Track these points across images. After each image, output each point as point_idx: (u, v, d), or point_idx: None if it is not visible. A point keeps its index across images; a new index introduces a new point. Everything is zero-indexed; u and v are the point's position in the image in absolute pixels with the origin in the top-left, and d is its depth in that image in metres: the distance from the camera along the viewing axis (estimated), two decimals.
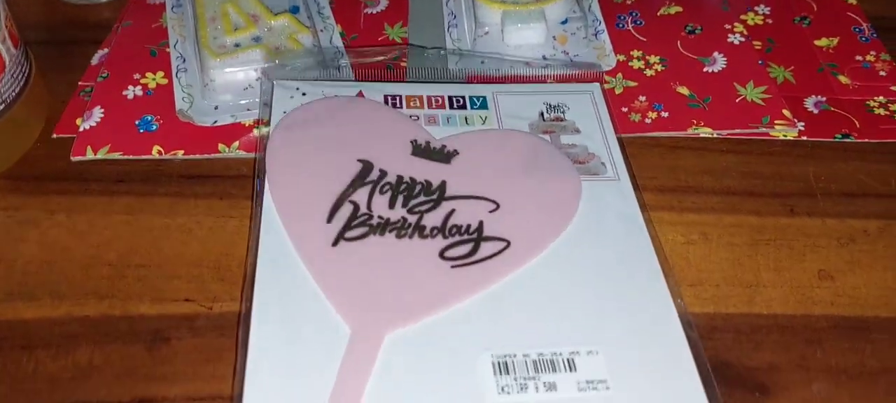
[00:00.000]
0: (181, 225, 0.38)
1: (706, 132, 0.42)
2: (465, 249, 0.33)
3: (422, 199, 0.35)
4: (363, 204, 0.35)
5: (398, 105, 0.39)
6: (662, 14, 0.49)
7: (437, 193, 0.35)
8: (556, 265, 0.33)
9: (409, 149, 0.37)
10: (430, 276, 0.33)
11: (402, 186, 0.35)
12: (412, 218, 0.34)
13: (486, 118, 0.39)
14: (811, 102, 0.44)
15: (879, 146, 0.42)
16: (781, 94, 0.44)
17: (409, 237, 0.34)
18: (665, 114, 0.43)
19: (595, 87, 0.41)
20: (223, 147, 0.41)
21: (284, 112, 0.39)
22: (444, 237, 0.34)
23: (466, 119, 0.39)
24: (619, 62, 0.46)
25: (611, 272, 0.33)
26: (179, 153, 0.41)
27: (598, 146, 0.38)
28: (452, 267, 0.33)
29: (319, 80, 0.41)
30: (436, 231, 0.34)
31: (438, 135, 0.38)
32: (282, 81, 0.40)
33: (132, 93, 0.44)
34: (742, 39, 0.47)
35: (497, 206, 0.35)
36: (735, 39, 0.47)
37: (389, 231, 0.34)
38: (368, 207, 0.34)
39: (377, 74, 0.44)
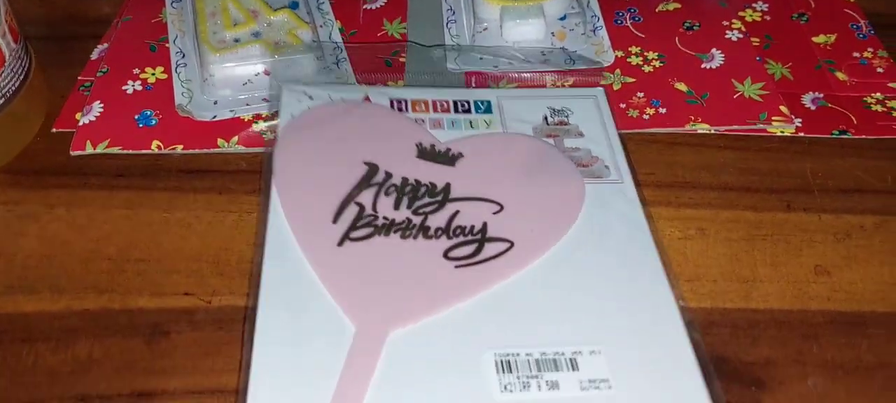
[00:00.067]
0: (180, 220, 0.38)
1: (704, 128, 0.42)
2: (469, 250, 0.33)
3: (426, 201, 0.35)
4: (368, 206, 0.35)
5: (404, 109, 0.40)
6: (661, 10, 0.49)
7: (442, 195, 0.35)
8: (560, 266, 0.33)
9: (415, 151, 0.37)
10: (434, 276, 0.33)
11: (407, 188, 0.36)
12: (417, 220, 0.34)
13: (491, 122, 0.39)
14: (809, 99, 0.44)
15: (876, 142, 0.42)
16: (779, 91, 0.44)
17: (414, 237, 0.34)
18: (663, 110, 0.43)
19: (599, 92, 0.41)
20: (222, 142, 0.41)
21: (292, 115, 0.39)
22: (449, 238, 0.34)
23: (471, 123, 0.39)
24: (618, 58, 0.46)
25: (614, 273, 0.33)
26: (178, 148, 0.41)
27: (602, 149, 0.38)
28: (456, 268, 0.33)
29: (327, 85, 0.42)
30: (440, 232, 0.34)
31: (443, 138, 0.38)
32: (290, 86, 0.41)
33: (131, 87, 0.44)
34: (740, 36, 0.47)
35: (501, 208, 0.35)
36: (733, 36, 0.47)
37: (394, 231, 0.34)
38: (374, 208, 0.35)
39: (376, 68, 0.44)
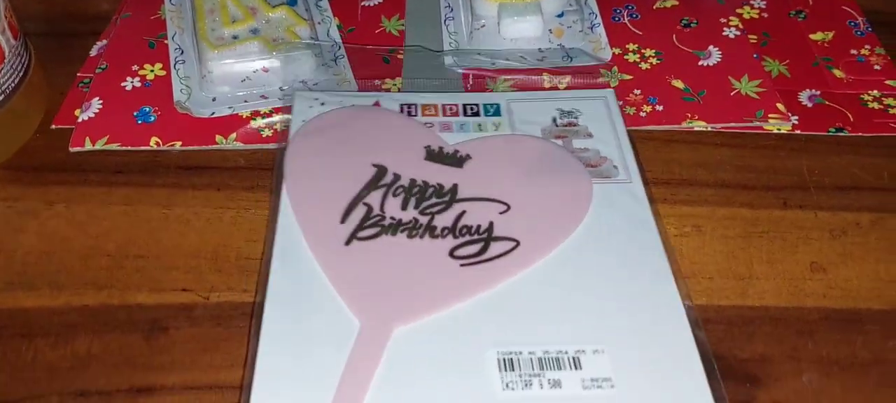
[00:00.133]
0: (179, 216, 0.38)
1: (700, 126, 0.42)
2: (475, 249, 0.34)
3: (434, 201, 0.35)
4: (376, 206, 0.35)
5: (414, 113, 0.40)
6: (658, 7, 0.49)
7: (449, 195, 0.36)
8: (565, 265, 0.33)
9: (423, 154, 0.37)
10: (440, 274, 0.33)
11: (415, 189, 0.36)
12: (423, 219, 0.35)
13: (500, 125, 0.39)
14: (805, 96, 0.44)
15: (873, 139, 0.42)
16: (776, 88, 0.44)
17: (420, 237, 0.34)
18: (660, 107, 0.43)
19: (609, 93, 0.41)
20: (220, 138, 0.41)
21: (303, 120, 0.39)
22: (455, 237, 0.34)
23: (480, 126, 0.39)
24: (615, 55, 0.46)
25: (620, 273, 0.33)
26: (177, 144, 0.41)
27: (611, 149, 0.38)
28: (461, 266, 0.33)
29: (339, 92, 0.42)
30: (446, 231, 0.34)
31: (452, 141, 0.38)
32: (302, 92, 0.41)
33: (130, 84, 0.44)
34: (737, 33, 0.47)
35: (508, 208, 0.35)
36: (730, 33, 0.47)
37: (401, 231, 0.34)
38: (381, 209, 0.35)
39: (374, 65, 0.44)
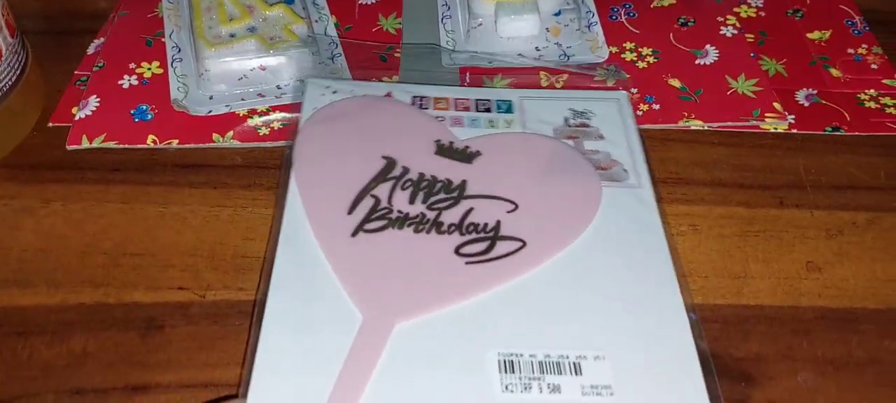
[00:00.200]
0: (175, 214, 0.38)
1: (697, 124, 0.42)
2: (481, 247, 0.33)
3: (442, 196, 0.35)
4: (384, 199, 0.35)
5: (425, 107, 0.40)
6: (656, 6, 0.49)
7: (457, 191, 0.35)
8: (571, 268, 0.33)
9: (433, 148, 0.37)
10: (444, 271, 0.33)
11: (424, 183, 0.36)
12: (431, 214, 0.35)
13: (511, 122, 0.39)
14: (802, 95, 0.44)
15: (869, 139, 0.42)
16: (773, 87, 0.44)
17: (427, 232, 0.34)
18: (656, 106, 0.43)
19: (622, 95, 0.41)
20: (217, 137, 0.41)
21: (314, 108, 0.39)
22: (461, 234, 0.34)
23: (491, 122, 0.39)
24: (612, 54, 0.46)
25: (625, 278, 0.33)
26: (174, 142, 0.41)
27: (622, 152, 0.38)
28: (466, 264, 0.33)
29: (351, 81, 0.42)
30: (453, 227, 0.34)
31: (463, 136, 0.38)
32: (315, 80, 0.41)
33: (128, 82, 0.44)
34: (735, 32, 0.47)
35: (515, 207, 0.35)
36: (728, 32, 0.47)
37: (408, 225, 0.34)
38: (389, 202, 0.35)
39: (371, 63, 0.44)
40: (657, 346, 0.31)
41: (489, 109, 0.40)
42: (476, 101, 0.40)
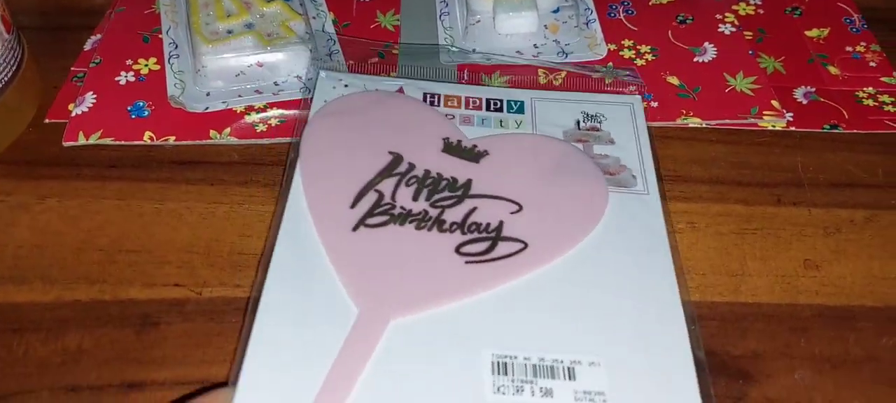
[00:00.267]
0: (172, 211, 0.38)
1: (695, 122, 0.42)
2: (482, 247, 0.33)
3: (445, 194, 0.35)
4: (388, 194, 0.35)
5: (436, 103, 0.40)
6: (654, 3, 0.49)
7: (462, 190, 0.35)
8: (572, 272, 0.33)
9: (441, 145, 0.37)
10: (443, 269, 0.33)
11: (429, 180, 0.36)
12: (433, 212, 0.34)
13: (522, 122, 0.39)
14: (801, 93, 0.44)
15: (867, 136, 0.42)
16: (771, 85, 0.44)
17: (428, 229, 0.34)
18: (655, 103, 0.43)
19: (636, 99, 0.41)
20: (214, 133, 0.41)
21: (325, 101, 0.39)
22: (463, 233, 0.34)
23: (501, 122, 0.39)
24: (610, 51, 0.46)
25: (626, 285, 0.33)
26: (171, 139, 0.41)
27: (631, 158, 0.38)
28: (466, 263, 0.33)
29: (363, 75, 0.42)
30: (455, 226, 0.34)
31: (472, 135, 0.38)
32: (327, 73, 0.41)
33: (124, 78, 0.44)
34: (733, 29, 0.47)
35: (519, 208, 0.35)
36: (726, 29, 0.47)
37: (410, 221, 0.34)
38: (392, 197, 0.35)
39: (369, 60, 0.44)
40: (655, 356, 0.30)
41: (500, 109, 0.40)
42: (487, 100, 0.40)
